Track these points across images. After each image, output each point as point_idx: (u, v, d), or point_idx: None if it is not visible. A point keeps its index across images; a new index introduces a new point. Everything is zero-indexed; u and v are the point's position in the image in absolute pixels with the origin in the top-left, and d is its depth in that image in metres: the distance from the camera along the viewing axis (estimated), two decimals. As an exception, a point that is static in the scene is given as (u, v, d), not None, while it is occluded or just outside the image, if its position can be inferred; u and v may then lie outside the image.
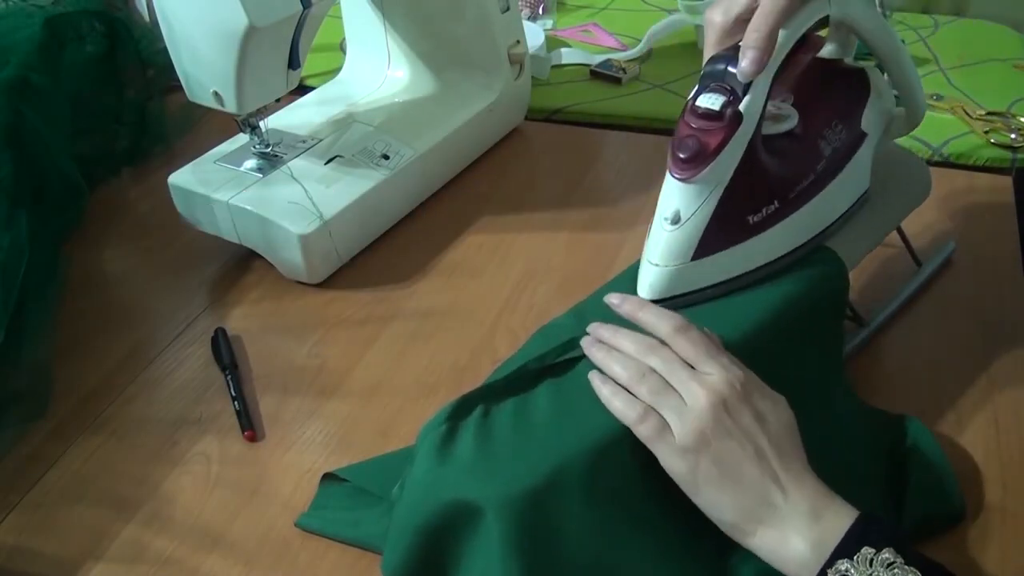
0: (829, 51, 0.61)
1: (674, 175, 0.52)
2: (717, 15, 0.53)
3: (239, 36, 0.66)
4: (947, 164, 0.88)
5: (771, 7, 0.50)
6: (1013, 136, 0.88)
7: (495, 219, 0.83)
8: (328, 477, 0.58)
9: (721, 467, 0.47)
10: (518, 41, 0.90)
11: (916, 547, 0.44)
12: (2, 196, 0.71)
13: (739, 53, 0.50)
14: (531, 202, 0.86)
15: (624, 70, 1.05)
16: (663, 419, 0.48)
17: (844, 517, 0.45)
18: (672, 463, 0.48)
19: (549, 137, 0.96)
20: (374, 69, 0.92)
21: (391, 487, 0.54)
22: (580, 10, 1.24)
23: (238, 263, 0.80)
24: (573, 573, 0.48)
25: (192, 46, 0.70)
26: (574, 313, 0.59)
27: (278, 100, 0.77)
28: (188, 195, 0.77)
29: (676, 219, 0.53)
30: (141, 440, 0.63)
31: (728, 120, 0.50)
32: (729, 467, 0.47)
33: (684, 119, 0.52)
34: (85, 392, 0.67)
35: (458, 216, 0.84)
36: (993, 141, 0.88)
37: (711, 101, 0.51)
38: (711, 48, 0.54)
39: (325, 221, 0.73)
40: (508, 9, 0.88)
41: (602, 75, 1.06)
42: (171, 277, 0.79)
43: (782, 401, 0.49)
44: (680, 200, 0.53)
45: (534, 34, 1.08)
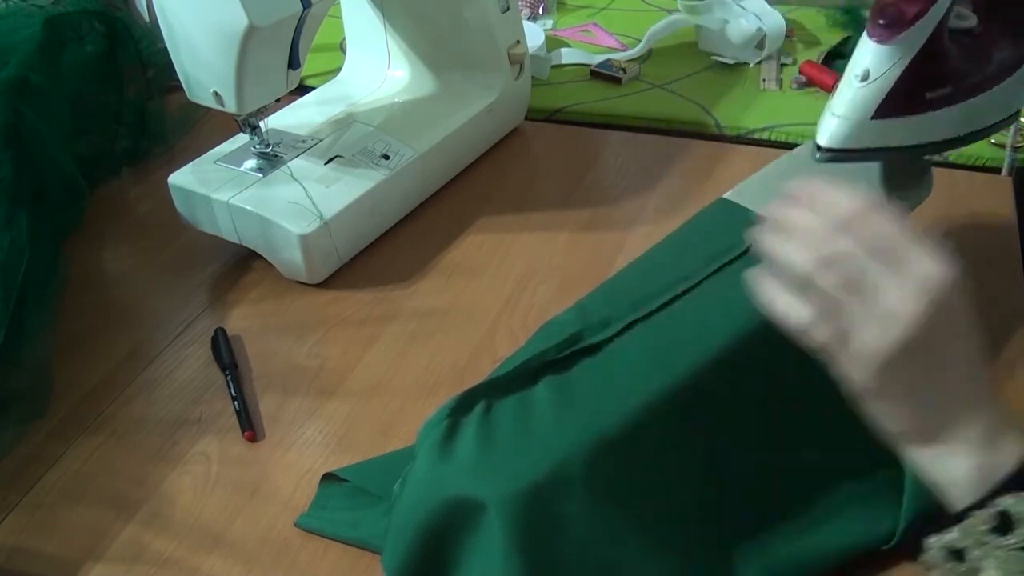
0: None
1: (871, 37, 0.57)
2: None
3: (239, 36, 0.66)
4: (947, 164, 0.88)
5: None
6: (1013, 136, 0.88)
7: (495, 219, 0.83)
8: (328, 477, 0.58)
9: (915, 383, 0.41)
10: (518, 41, 0.90)
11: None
12: (2, 196, 0.71)
13: None
14: (531, 202, 0.86)
15: (624, 70, 1.05)
16: (849, 321, 0.40)
17: (1019, 450, 0.40)
18: (859, 374, 0.41)
19: (549, 137, 0.96)
20: (374, 69, 0.92)
21: (391, 487, 0.54)
22: (580, 10, 1.24)
23: (238, 263, 0.80)
24: (574, 569, 0.48)
25: (192, 46, 0.70)
26: (576, 309, 0.59)
27: (278, 100, 0.77)
28: (188, 195, 0.77)
29: (866, 76, 0.57)
30: (141, 440, 0.63)
31: None
32: (926, 385, 0.41)
33: None
34: (85, 392, 0.67)
35: (458, 216, 0.84)
36: (993, 141, 0.88)
37: None
38: None
39: (325, 221, 0.73)
40: (508, 9, 0.88)
41: (602, 75, 1.06)
42: (171, 277, 0.79)
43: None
44: (872, 60, 0.57)
45: (534, 34, 1.08)
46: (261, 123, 0.77)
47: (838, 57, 1.02)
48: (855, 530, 0.51)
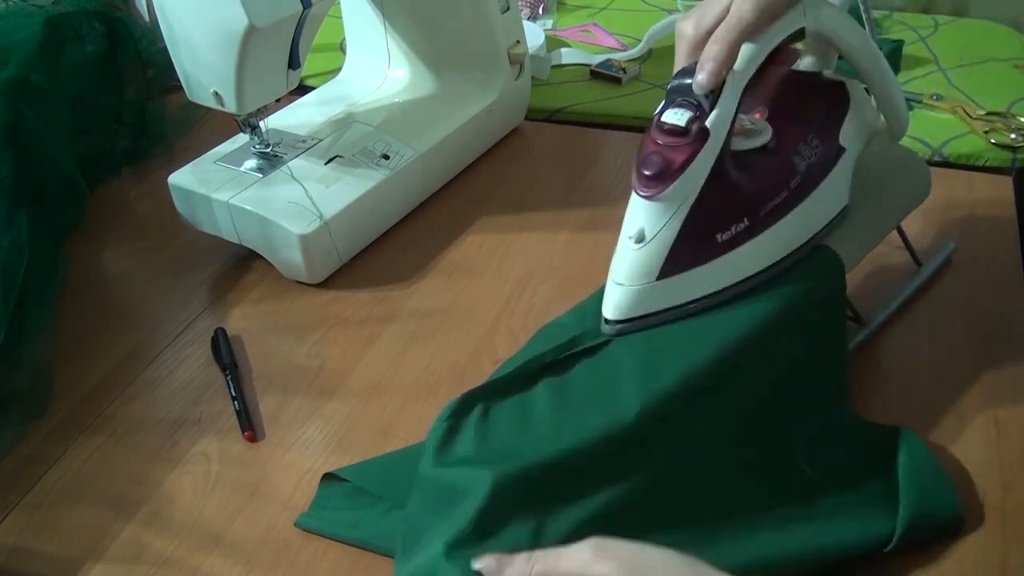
0: (808, 63, 0.60)
1: (638, 193, 0.51)
2: (688, 27, 0.51)
3: (239, 36, 0.66)
4: (947, 164, 0.88)
5: (735, 20, 0.48)
6: (1013, 136, 0.88)
7: (495, 219, 0.83)
8: (328, 477, 0.58)
9: None
10: (518, 41, 0.90)
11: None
12: (2, 196, 0.71)
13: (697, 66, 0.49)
14: (531, 202, 0.86)
15: (624, 70, 1.05)
16: None
17: None
18: None
19: (549, 137, 0.96)
20: (374, 69, 0.92)
21: (391, 487, 0.54)
22: (580, 10, 1.24)
23: (238, 263, 0.80)
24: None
25: (192, 46, 0.70)
26: (575, 312, 0.59)
27: (278, 100, 0.77)
28: (188, 195, 0.77)
29: (640, 238, 0.52)
30: (141, 440, 0.63)
31: (694, 136, 0.49)
32: None
33: (650, 135, 0.51)
34: (85, 392, 0.67)
35: (458, 216, 0.84)
36: (993, 141, 0.88)
37: (677, 116, 0.50)
38: (681, 61, 0.52)
39: (325, 221, 0.73)
40: (508, 9, 0.88)
41: (602, 75, 1.06)
42: (171, 277, 0.79)
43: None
44: (644, 218, 0.52)
45: (534, 34, 1.08)
46: (261, 123, 0.77)
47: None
48: (850, 528, 0.51)
